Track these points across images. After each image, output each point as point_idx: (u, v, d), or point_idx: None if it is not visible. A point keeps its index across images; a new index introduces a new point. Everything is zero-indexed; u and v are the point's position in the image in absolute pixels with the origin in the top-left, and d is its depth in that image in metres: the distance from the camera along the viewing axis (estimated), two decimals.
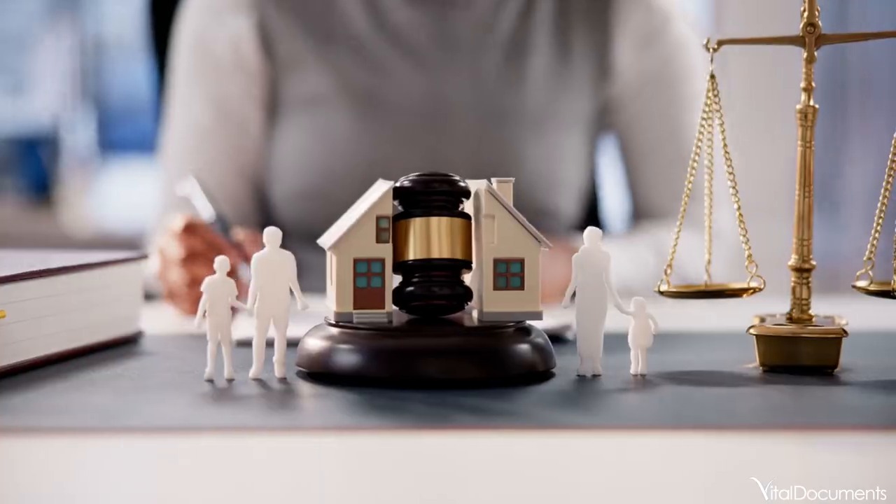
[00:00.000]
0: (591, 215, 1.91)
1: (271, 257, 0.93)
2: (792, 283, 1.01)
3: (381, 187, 0.95)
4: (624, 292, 1.02)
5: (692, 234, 1.21)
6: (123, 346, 1.09)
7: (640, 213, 1.86)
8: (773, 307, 1.08)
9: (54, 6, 5.36)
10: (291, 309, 0.94)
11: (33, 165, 4.35)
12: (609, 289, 0.95)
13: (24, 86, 5.30)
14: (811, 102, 1.01)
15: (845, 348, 1.04)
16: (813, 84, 1.01)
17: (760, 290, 1.01)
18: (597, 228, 0.95)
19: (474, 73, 1.77)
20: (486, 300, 0.95)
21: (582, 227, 1.81)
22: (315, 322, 0.97)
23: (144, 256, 1.13)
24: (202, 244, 1.35)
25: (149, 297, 1.64)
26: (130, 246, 1.73)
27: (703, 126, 1.03)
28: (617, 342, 0.99)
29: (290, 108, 1.78)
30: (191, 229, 1.36)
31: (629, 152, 1.85)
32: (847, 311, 1.07)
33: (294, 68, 1.77)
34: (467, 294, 0.96)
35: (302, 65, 1.77)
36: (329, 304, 0.96)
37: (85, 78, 5.13)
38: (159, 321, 1.26)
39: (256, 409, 0.86)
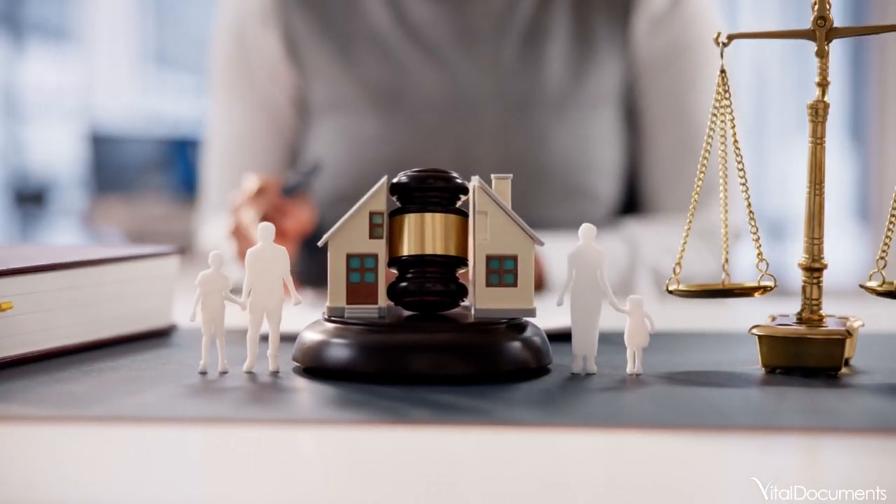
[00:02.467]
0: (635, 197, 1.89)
1: (264, 252, 0.94)
2: (802, 283, 0.99)
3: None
4: None
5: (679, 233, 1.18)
6: (150, 339, 1.11)
7: (639, 197, 1.86)
8: (791, 308, 1.05)
9: None
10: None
11: (183, 165, 4.46)
12: (603, 287, 0.94)
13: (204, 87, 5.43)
14: (825, 98, 0.98)
15: (861, 350, 1.02)
16: (828, 79, 0.99)
17: (771, 289, 0.99)
18: (591, 225, 0.95)
19: (493, 63, 1.80)
20: (478, 297, 0.94)
21: (625, 211, 1.82)
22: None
23: (177, 252, 1.15)
24: (270, 207, 1.49)
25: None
26: None
27: (713, 122, 1.01)
28: (620, 340, 0.98)
29: (318, 113, 1.84)
30: (261, 192, 1.49)
31: (638, 133, 1.85)
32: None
33: (319, 74, 1.82)
34: (461, 291, 0.96)
35: (326, 70, 1.82)
36: None
37: None
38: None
39: (229, 400, 0.87)
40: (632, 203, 1.87)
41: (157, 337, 1.12)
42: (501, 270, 0.94)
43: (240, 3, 1.87)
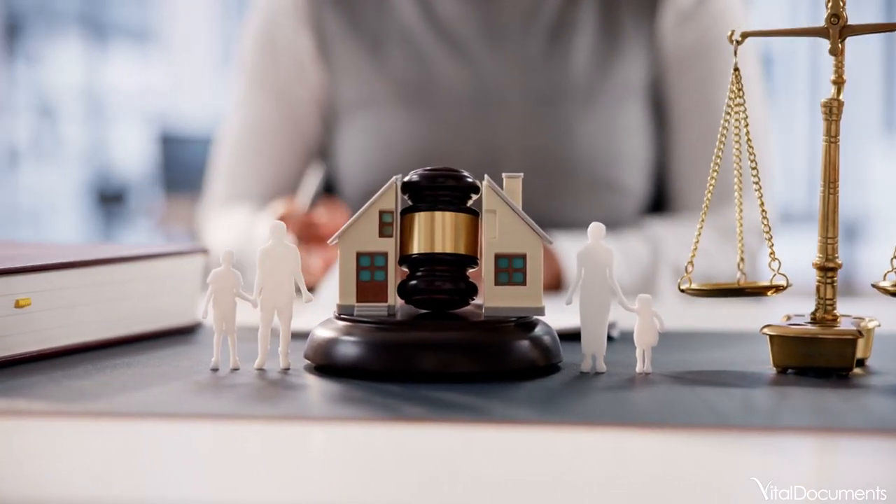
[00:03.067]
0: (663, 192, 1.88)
1: (275, 250, 0.95)
2: (816, 283, 0.98)
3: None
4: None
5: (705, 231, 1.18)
6: (173, 336, 1.12)
7: (667, 193, 1.85)
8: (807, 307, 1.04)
9: None
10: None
11: None
12: (612, 285, 0.94)
13: None
14: (840, 96, 0.98)
15: (879, 351, 1.01)
16: (844, 77, 0.98)
17: (784, 288, 0.98)
18: (600, 224, 0.94)
19: (520, 57, 1.82)
20: (487, 295, 0.95)
21: (654, 206, 1.81)
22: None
23: (201, 250, 1.16)
24: (301, 227, 1.52)
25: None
26: None
27: (726, 121, 1.01)
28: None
29: (347, 111, 1.85)
30: (286, 217, 1.51)
31: (666, 128, 1.84)
32: None
33: (349, 71, 1.84)
34: (470, 289, 0.96)
35: (356, 67, 1.83)
36: None
37: None
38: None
39: (233, 397, 0.87)
40: (662, 199, 1.87)
41: (181, 334, 1.14)
42: (510, 269, 0.95)
43: (274, 0, 1.89)
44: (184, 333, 1.14)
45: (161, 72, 6.21)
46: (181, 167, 4.84)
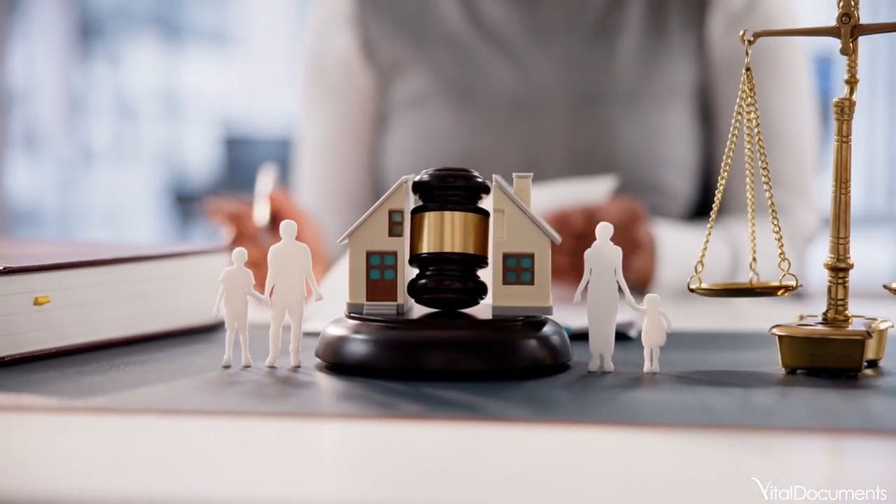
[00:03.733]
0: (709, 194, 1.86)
1: (286, 249, 0.96)
2: (828, 283, 0.97)
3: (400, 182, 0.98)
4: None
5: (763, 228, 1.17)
6: (196, 334, 1.14)
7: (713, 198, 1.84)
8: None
9: None
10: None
11: None
12: (621, 285, 0.94)
13: None
14: (853, 96, 0.97)
15: (891, 352, 1.00)
16: (857, 77, 0.98)
17: (794, 288, 0.98)
18: (608, 224, 0.95)
19: (564, 57, 1.81)
20: (495, 294, 0.95)
21: (699, 207, 1.80)
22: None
23: (223, 249, 1.18)
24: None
25: None
26: None
27: (737, 120, 1.00)
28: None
29: (394, 111, 1.86)
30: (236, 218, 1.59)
31: (714, 132, 1.83)
32: None
33: (395, 73, 1.85)
34: (479, 288, 0.97)
35: (402, 68, 1.85)
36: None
37: None
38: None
39: (235, 394, 0.88)
40: (709, 201, 1.85)
41: (202, 333, 1.15)
42: (518, 268, 0.95)
43: (321, 10, 1.91)
44: (205, 332, 1.15)
45: (236, 74, 6.25)
46: (247, 169, 4.88)
